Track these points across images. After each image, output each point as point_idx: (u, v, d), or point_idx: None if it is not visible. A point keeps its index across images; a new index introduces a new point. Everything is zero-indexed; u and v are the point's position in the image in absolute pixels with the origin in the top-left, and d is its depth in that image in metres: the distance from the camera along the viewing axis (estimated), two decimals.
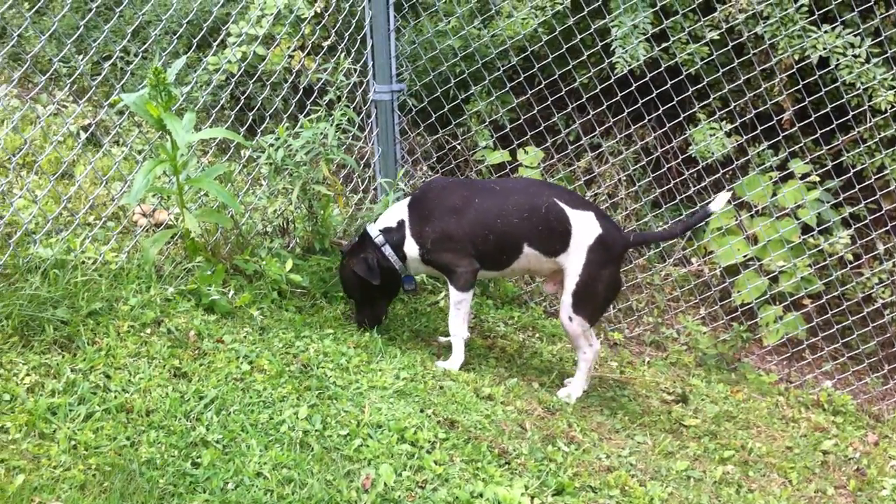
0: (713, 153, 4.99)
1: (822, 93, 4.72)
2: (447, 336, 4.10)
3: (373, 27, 4.94)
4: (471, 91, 5.34)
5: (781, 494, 3.61)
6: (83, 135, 5.00)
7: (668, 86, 4.94)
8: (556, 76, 5.13)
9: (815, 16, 4.71)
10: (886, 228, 4.81)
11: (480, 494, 2.94)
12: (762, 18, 4.82)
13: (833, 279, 4.90)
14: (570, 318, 3.92)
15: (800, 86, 4.80)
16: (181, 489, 2.68)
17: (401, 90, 5.12)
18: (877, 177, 4.83)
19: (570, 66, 5.11)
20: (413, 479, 2.95)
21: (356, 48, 5.12)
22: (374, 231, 4.04)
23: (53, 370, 3.05)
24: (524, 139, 5.37)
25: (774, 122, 4.93)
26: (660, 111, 5.04)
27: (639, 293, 5.31)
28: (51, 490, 2.56)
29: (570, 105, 5.17)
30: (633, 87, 4.98)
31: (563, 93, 5.16)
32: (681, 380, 4.64)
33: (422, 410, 3.38)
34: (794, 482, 3.77)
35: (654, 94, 4.95)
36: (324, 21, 5.18)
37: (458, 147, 5.53)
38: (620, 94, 5.00)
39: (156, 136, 4.13)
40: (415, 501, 2.86)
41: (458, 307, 3.96)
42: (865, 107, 4.71)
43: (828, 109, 4.74)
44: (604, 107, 5.09)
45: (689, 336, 5.05)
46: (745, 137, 5.01)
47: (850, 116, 4.77)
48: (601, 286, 3.90)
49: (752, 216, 5.09)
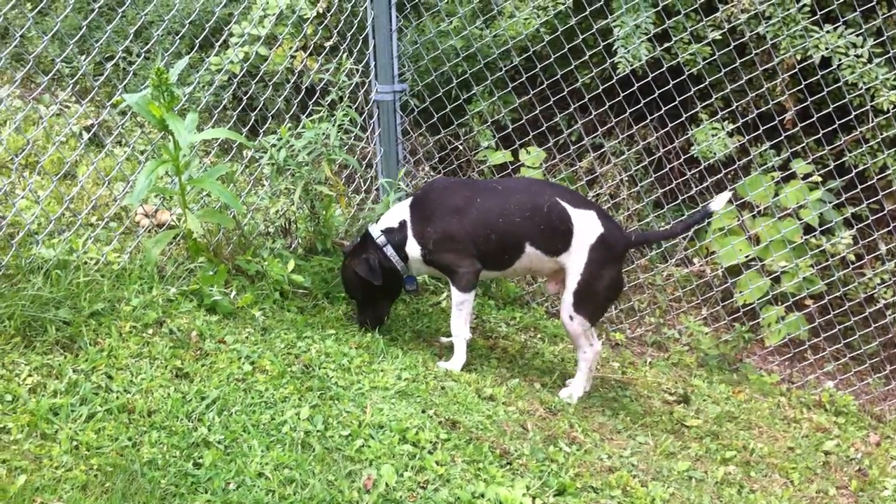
0: (715, 153, 4.99)
1: (825, 93, 4.71)
2: (449, 337, 4.10)
3: (375, 27, 4.95)
4: (473, 91, 5.34)
5: (783, 495, 3.60)
6: (86, 135, 5.00)
7: (671, 86, 4.94)
8: (559, 76, 5.14)
9: (818, 16, 4.70)
10: (889, 229, 4.80)
11: (482, 495, 2.94)
12: (764, 18, 4.82)
13: (835, 279, 4.90)
14: (571, 317, 3.92)
15: (802, 86, 4.80)
16: (183, 489, 2.68)
17: (403, 90, 5.12)
18: (879, 177, 4.82)
19: (573, 66, 5.11)
20: (415, 480, 2.95)
21: (358, 48, 5.12)
22: (376, 231, 4.04)
23: (55, 371, 3.05)
24: (526, 139, 5.37)
25: (776, 122, 4.93)
26: (662, 111, 5.04)
27: (641, 294, 5.31)
28: (52, 490, 2.56)
29: (573, 105, 5.17)
30: (636, 87, 4.99)
31: (566, 93, 5.16)
32: (682, 380, 4.64)
33: (423, 411, 3.38)
34: (796, 483, 3.77)
35: (657, 94, 4.96)
36: (326, 21, 5.19)
37: (461, 147, 5.54)
38: (622, 94, 5.00)
39: (158, 137, 4.14)
40: (416, 502, 2.86)
41: (460, 308, 3.97)
42: (868, 107, 4.70)
43: (830, 109, 4.75)
44: (606, 107, 5.09)
45: (691, 336, 5.05)
46: (748, 137, 5.02)
47: (853, 116, 4.77)
48: (602, 285, 3.90)
49: (755, 216, 5.08)
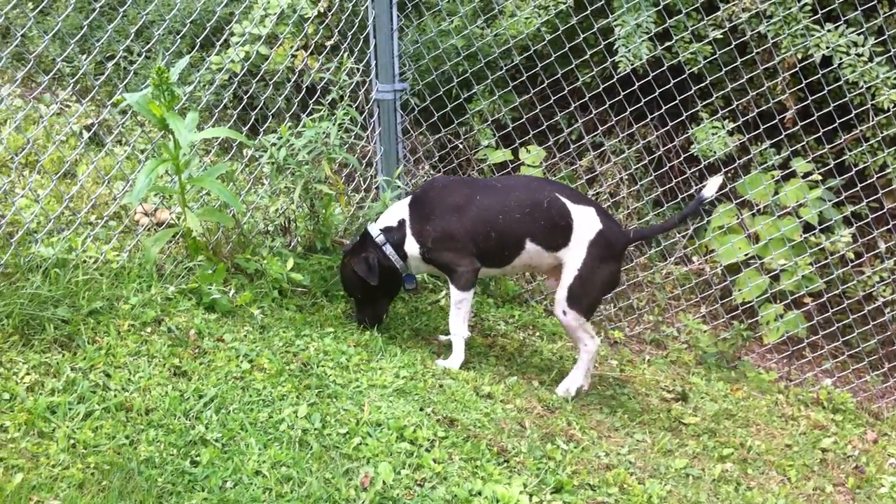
0: (715, 152, 4.98)
1: (825, 91, 4.71)
2: (447, 335, 4.11)
3: (376, 26, 4.95)
4: (473, 90, 5.35)
5: (780, 492, 3.61)
6: (86, 134, 5.02)
7: (671, 85, 4.93)
8: (559, 75, 5.13)
9: (819, 14, 4.70)
10: (888, 227, 4.80)
11: (479, 493, 2.95)
12: (765, 17, 4.81)
13: (834, 277, 4.89)
14: (565, 312, 3.92)
15: (802, 84, 4.80)
16: (180, 488, 2.70)
17: (403, 89, 5.13)
18: (878, 175, 4.81)
19: (573, 65, 5.11)
20: (412, 478, 2.96)
21: (359, 47, 5.13)
22: (375, 230, 4.05)
23: (53, 369, 3.07)
24: (526, 138, 5.37)
25: (777, 121, 4.92)
26: (662, 110, 5.04)
27: (639, 291, 5.31)
28: (49, 489, 2.57)
29: (573, 104, 5.17)
30: (636, 86, 4.99)
31: (566, 92, 5.16)
32: (681, 378, 4.64)
33: (421, 409, 3.39)
34: (793, 480, 3.78)
35: (657, 93, 4.95)
36: (327, 20, 5.19)
37: (461, 146, 5.54)
38: (623, 93, 5.01)
39: (158, 136, 4.15)
40: (413, 500, 2.87)
41: (459, 306, 3.97)
42: (868, 105, 4.70)
43: (830, 108, 4.74)
44: (606, 106, 5.09)
45: (690, 334, 5.05)
46: (748, 136, 5.01)
47: (853, 115, 4.76)
48: (598, 281, 3.91)
49: (754, 215, 5.08)
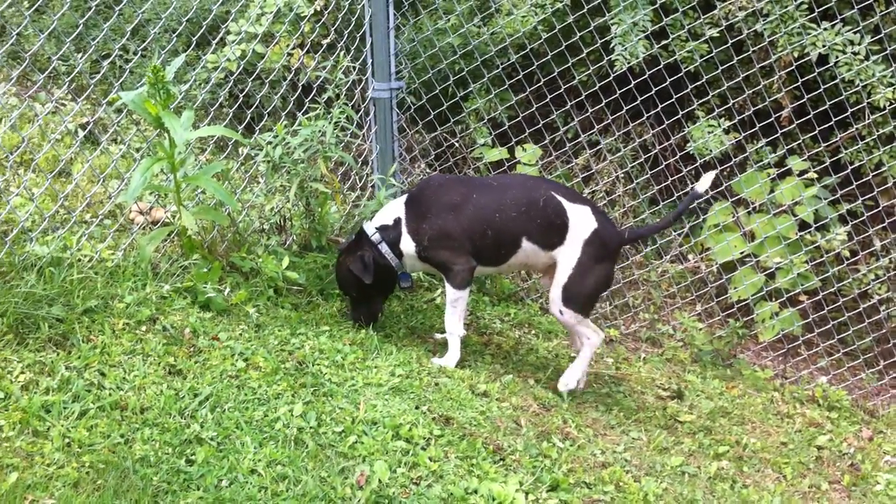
0: (711, 150, 4.99)
1: (821, 90, 4.71)
2: (443, 333, 4.11)
3: (372, 25, 4.95)
4: (469, 89, 5.35)
5: (776, 490, 3.61)
6: (81, 133, 5.01)
7: (667, 83, 4.94)
8: (555, 74, 5.14)
9: (815, 13, 4.70)
10: (883, 225, 4.81)
11: (475, 491, 2.95)
12: (762, 16, 4.82)
13: (829, 275, 4.90)
14: (562, 312, 3.92)
15: (799, 83, 4.79)
16: (175, 486, 2.69)
17: (399, 88, 5.13)
18: (874, 174, 4.82)
19: (570, 64, 5.11)
20: (408, 476, 2.96)
21: (355, 46, 5.13)
22: (371, 228, 4.04)
23: (48, 368, 3.06)
24: (522, 137, 5.37)
25: (773, 120, 4.93)
26: (658, 108, 5.04)
27: (635, 290, 5.31)
28: (44, 488, 2.57)
29: (569, 102, 5.17)
30: (632, 85, 4.99)
31: (562, 90, 5.16)
32: (676, 376, 4.65)
33: (417, 407, 3.39)
34: (789, 477, 3.78)
35: (653, 92, 4.96)
36: (323, 19, 5.19)
37: (457, 144, 5.54)
38: (619, 92, 5.00)
39: (154, 134, 4.14)
40: (409, 498, 2.86)
41: (455, 305, 3.97)
42: (864, 104, 4.70)
43: (826, 106, 4.74)
44: (602, 104, 5.10)
45: (685, 332, 5.05)
46: (744, 134, 5.01)
47: (849, 113, 4.77)
48: (592, 281, 3.90)
49: (750, 213, 5.09)
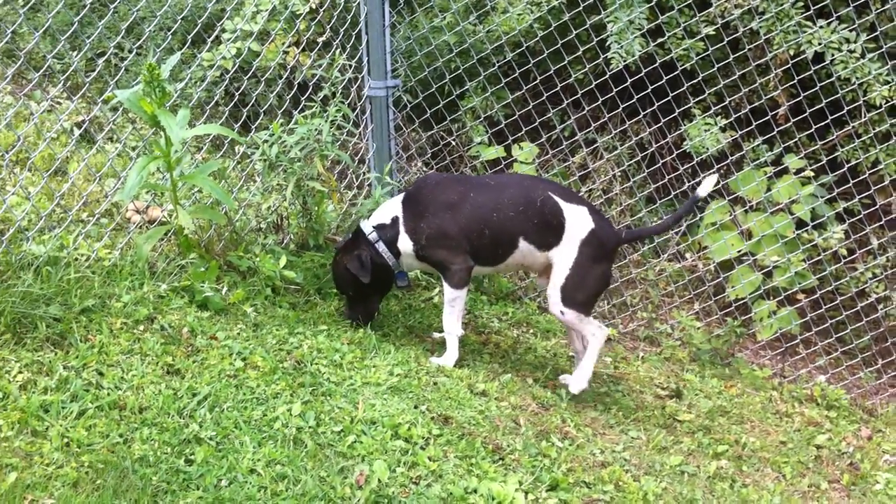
0: (708, 148, 4.99)
1: (818, 88, 4.71)
2: (441, 332, 4.10)
3: (368, 23, 4.94)
4: (466, 87, 5.34)
5: (775, 489, 3.61)
6: (77, 131, 4.99)
7: (664, 81, 4.93)
8: (552, 72, 5.13)
9: (811, 11, 4.70)
10: (881, 223, 4.81)
11: (474, 490, 2.95)
12: (758, 14, 4.82)
13: (827, 274, 4.90)
14: (563, 312, 3.90)
15: (795, 81, 4.79)
16: (174, 486, 2.68)
17: (396, 86, 5.12)
18: (871, 172, 4.83)
19: (566, 62, 5.11)
20: (407, 476, 2.95)
21: (351, 44, 5.12)
22: (368, 227, 4.03)
23: (46, 367, 3.05)
24: (519, 135, 5.36)
25: (769, 118, 4.93)
26: (655, 106, 5.04)
27: (633, 289, 5.31)
28: (43, 488, 2.56)
29: (566, 101, 5.17)
30: (629, 83, 4.98)
31: (559, 88, 5.16)
32: (675, 375, 4.65)
33: (416, 407, 3.39)
34: (788, 476, 3.78)
35: (650, 90, 4.95)
36: (319, 17, 5.18)
37: (453, 143, 5.53)
38: (616, 90, 5.00)
39: (150, 133, 4.13)
40: (408, 498, 2.86)
41: (453, 304, 3.96)
42: (860, 102, 4.71)
43: (823, 105, 4.74)
44: (599, 102, 5.09)
45: (683, 331, 5.05)
46: (740, 133, 5.01)
47: (845, 112, 4.77)
48: (590, 281, 3.89)
49: (747, 211, 5.09)
